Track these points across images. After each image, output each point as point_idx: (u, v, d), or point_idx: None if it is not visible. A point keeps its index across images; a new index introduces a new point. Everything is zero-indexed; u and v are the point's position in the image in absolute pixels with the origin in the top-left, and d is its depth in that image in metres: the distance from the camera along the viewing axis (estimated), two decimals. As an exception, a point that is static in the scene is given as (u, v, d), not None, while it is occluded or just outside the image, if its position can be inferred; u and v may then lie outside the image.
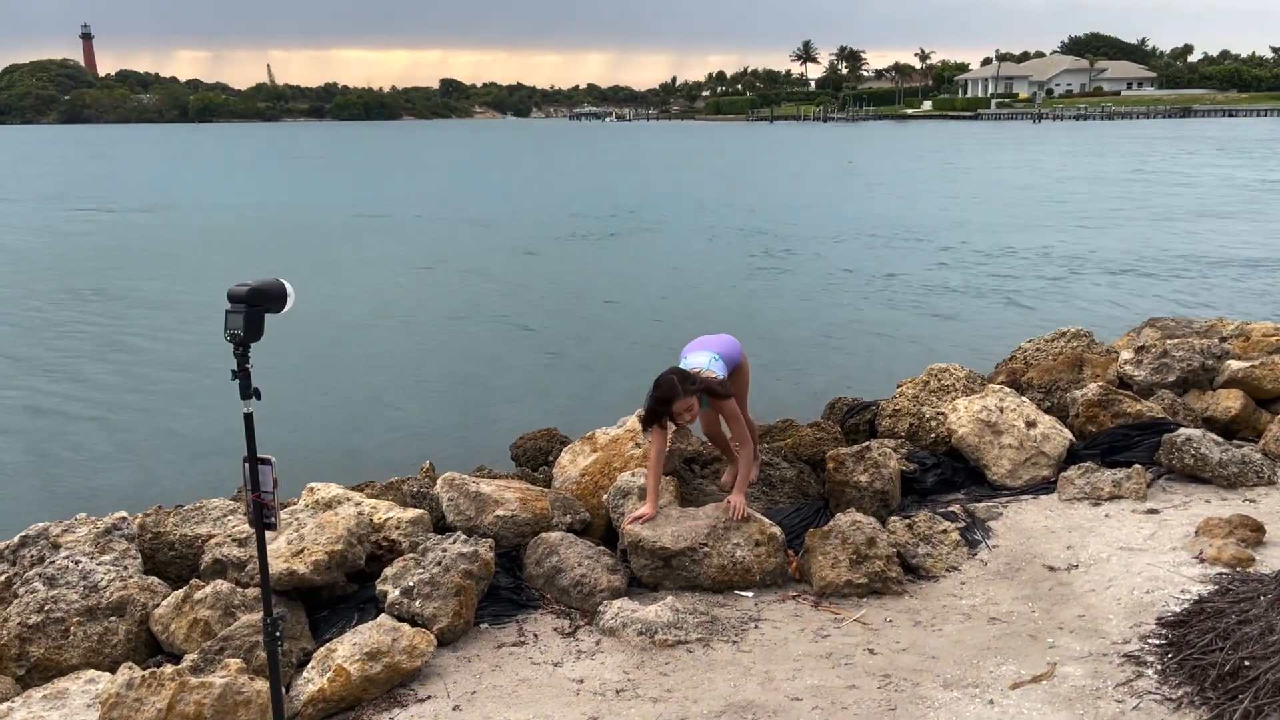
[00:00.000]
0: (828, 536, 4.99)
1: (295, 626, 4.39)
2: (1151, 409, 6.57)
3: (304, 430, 9.43)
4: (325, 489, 5.37)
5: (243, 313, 2.64)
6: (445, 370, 11.97)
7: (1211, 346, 7.18)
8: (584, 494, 5.72)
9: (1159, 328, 8.63)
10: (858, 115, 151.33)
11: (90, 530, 4.78)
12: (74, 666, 4.14)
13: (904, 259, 20.07)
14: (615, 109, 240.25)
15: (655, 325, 14.07)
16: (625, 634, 4.48)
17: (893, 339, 13.34)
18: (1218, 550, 4.91)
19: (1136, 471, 5.91)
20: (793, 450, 6.33)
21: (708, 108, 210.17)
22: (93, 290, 17.87)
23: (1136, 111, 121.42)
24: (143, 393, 11.17)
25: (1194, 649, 3.97)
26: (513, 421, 8.92)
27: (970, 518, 5.58)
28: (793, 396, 9.85)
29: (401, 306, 15.98)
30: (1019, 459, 6.21)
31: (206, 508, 5.23)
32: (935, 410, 6.71)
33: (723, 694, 3.99)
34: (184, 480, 8.06)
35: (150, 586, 4.53)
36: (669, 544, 4.94)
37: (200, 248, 23.64)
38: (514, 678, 4.21)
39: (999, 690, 3.93)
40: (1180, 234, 22.93)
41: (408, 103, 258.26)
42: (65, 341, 13.86)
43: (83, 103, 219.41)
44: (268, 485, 2.79)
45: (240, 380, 2.68)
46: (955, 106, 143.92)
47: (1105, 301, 15.58)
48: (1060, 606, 4.63)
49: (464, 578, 4.57)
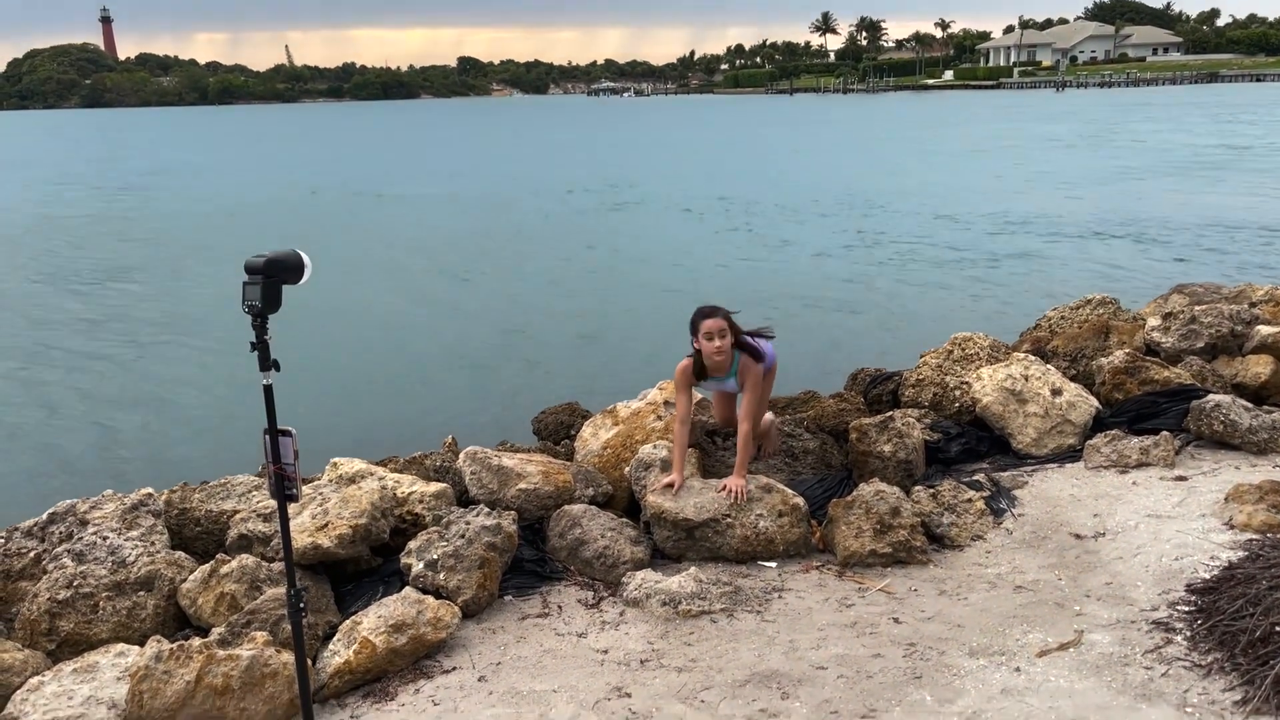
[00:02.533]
0: (851, 506, 4.96)
1: (320, 600, 4.41)
2: (1179, 375, 6.49)
3: (327, 406, 9.47)
4: (348, 464, 5.39)
5: (260, 284, 2.63)
6: (467, 346, 11.99)
7: (1241, 312, 7.07)
8: (606, 467, 5.72)
9: (1187, 294, 8.51)
10: (878, 87, 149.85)
11: (117, 506, 4.82)
12: (103, 640, 4.18)
13: (927, 230, 19.90)
14: (633, 84, 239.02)
15: (675, 299, 14.02)
16: (649, 605, 4.48)
17: (915, 309, 13.24)
18: (1248, 516, 4.85)
19: (1164, 438, 5.84)
20: (815, 421, 6.30)
21: (726, 81, 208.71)
22: (115, 267, 18.00)
23: (1162, 77, 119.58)
24: (167, 369, 11.25)
25: (1224, 615, 3.93)
26: (534, 396, 8.92)
27: (995, 486, 5.54)
28: (815, 367, 9.80)
29: (422, 283, 16.01)
30: (1044, 427, 6.15)
31: (231, 484, 5.26)
32: (959, 380, 6.65)
33: (747, 663, 3.99)
34: (209, 456, 8.13)
35: (177, 561, 4.56)
36: (692, 515, 4.93)
37: (227, 224, 23.74)
38: (538, 649, 4.22)
39: (1026, 658, 3.91)
40: (1209, 200, 22.59)
41: (425, 81, 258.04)
42: (87, 319, 13.98)
43: (103, 87, 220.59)
44: (288, 457, 2.80)
45: (259, 352, 2.68)
46: (977, 76, 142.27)
47: (1132, 268, 15.40)
48: (1087, 574, 4.59)
49: (487, 550, 4.58)
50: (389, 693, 3.96)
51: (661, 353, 8.82)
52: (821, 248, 18.35)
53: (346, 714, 3.86)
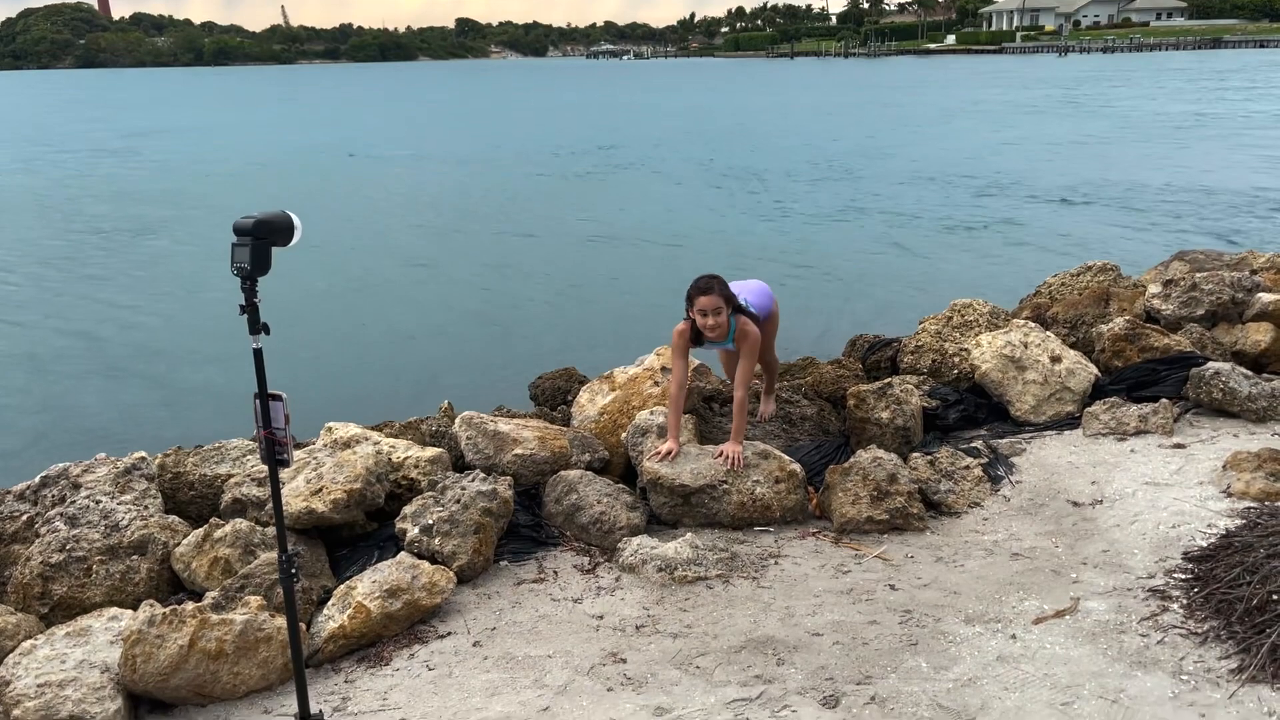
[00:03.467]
0: (849, 473, 4.94)
1: (315, 564, 4.40)
2: (1179, 343, 6.45)
3: (323, 371, 9.44)
4: (343, 428, 5.36)
5: (249, 245, 2.58)
6: (463, 311, 11.94)
7: (1242, 279, 7.02)
8: (603, 433, 5.69)
9: (1188, 261, 8.45)
10: (879, 51, 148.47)
11: (110, 470, 4.79)
12: (97, 604, 4.17)
13: (927, 196, 19.78)
14: (633, 47, 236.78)
15: (672, 264, 13.95)
16: (645, 570, 4.47)
17: (915, 276, 13.18)
18: (1246, 484, 4.83)
19: (1163, 406, 5.81)
20: (813, 387, 6.27)
21: (726, 44, 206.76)
22: (107, 229, 17.88)
23: (1166, 43, 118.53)
24: (160, 332, 11.20)
25: (1221, 583, 3.92)
26: (531, 361, 8.88)
27: (993, 454, 5.52)
28: (813, 334, 9.77)
29: (418, 248, 15.92)
30: (1043, 394, 6.12)
31: (226, 448, 5.23)
32: (958, 346, 6.62)
33: (743, 629, 3.98)
34: (204, 420, 8.09)
35: (171, 525, 4.54)
36: (688, 481, 4.91)
37: (214, 187, 23.58)
38: (534, 614, 4.21)
39: (1021, 625, 3.90)
40: (1210, 168, 22.46)
41: (423, 43, 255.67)
42: (80, 281, 13.91)
43: (98, 47, 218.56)
44: (279, 421, 2.76)
45: (249, 315, 2.63)
46: (979, 40, 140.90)
47: (1132, 235, 15.32)
48: (1084, 542, 4.58)
49: (483, 515, 4.56)
50: (383, 657, 3.95)
51: (659, 318, 8.77)
52: (815, 213, 18.24)
53: (341, 678, 3.86)
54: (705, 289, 5.03)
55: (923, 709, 3.40)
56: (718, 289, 5.03)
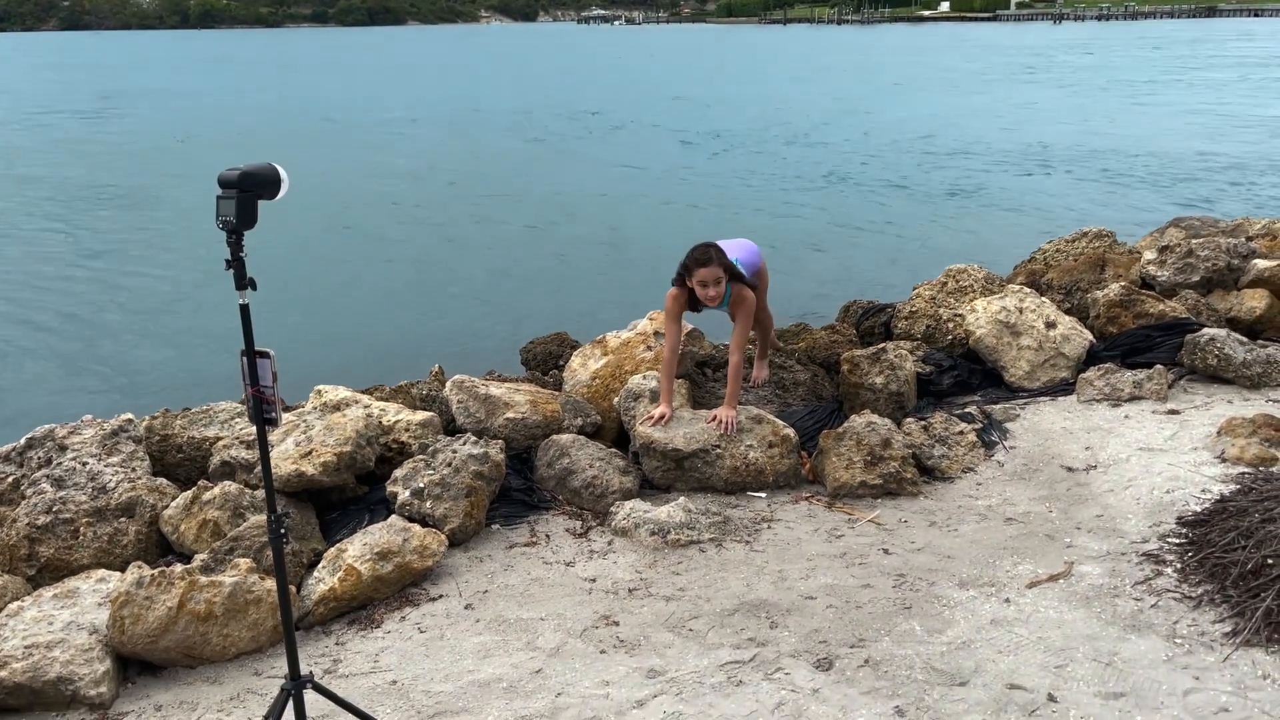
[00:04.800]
0: (842, 438, 4.92)
1: (305, 527, 4.36)
2: (1174, 309, 6.42)
3: (313, 334, 9.36)
4: (333, 391, 5.29)
5: (234, 198, 2.50)
6: (454, 275, 11.85)
7: (1238, 245, 6.99)
8: (595, 397, 5.65)
9: (1184, 227, 8.42)
10: (873, 18, 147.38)
11: (97, 432, 4.73)
12: (84, 566, 4.13)
13: (920, 162, 19.68)
14: (624, 12, 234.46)
15: (665, 228, 13.86)
16: (638, 534, 4.44)
17: (909, 241, 13.12)
18: (1240, 450, 4.82)
19: (1158, 372, 5.79)
20: (807, 353, 6.23)
21: (719, 10, 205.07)
22: (89, 188, 17.67)
23: (1160, 11, 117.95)
24: (148, 292, 11.09)
25: (1215, 547, 3.91)
26: (523, 326, 8.83)
27: (987, 419, 5.50)
28: (807, 299, 9.72)
29: (409, 210, 15.78)
30: (1038, 360, 6.10)
31: (214, 410, 5.17)
32: (953, 312, 6.58)
33: (736, 593, 3.96)
34: (192, 382, 8.03)
35: (159, 488, 4.49)
36: (681, 445, 4.87)
37: (203, 147, 23.32)
38: (526, 577, 4.19)
39: (1015, 589, 3.89)
40: (1206, 136, 22.39)
41: (413, 7, 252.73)
42: (63, 241, 13.75)
43: (82, 9, 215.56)
44: (267, 379, 2.70)
45: (235, 270, 2.57)
46: (974, 7, 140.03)
47: (1128, 202, 15.27)
48: (1078, 507, 4.56)
49: (474, 479, 4.53)
50: (374, 620, 3.93)
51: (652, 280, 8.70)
52: (808, 178, 18.13)
53: (331, 641, 3.83)
54: (704, 260, 4.98)
55: (916, 672, 3.39)
56: (716, 259, 4.99)
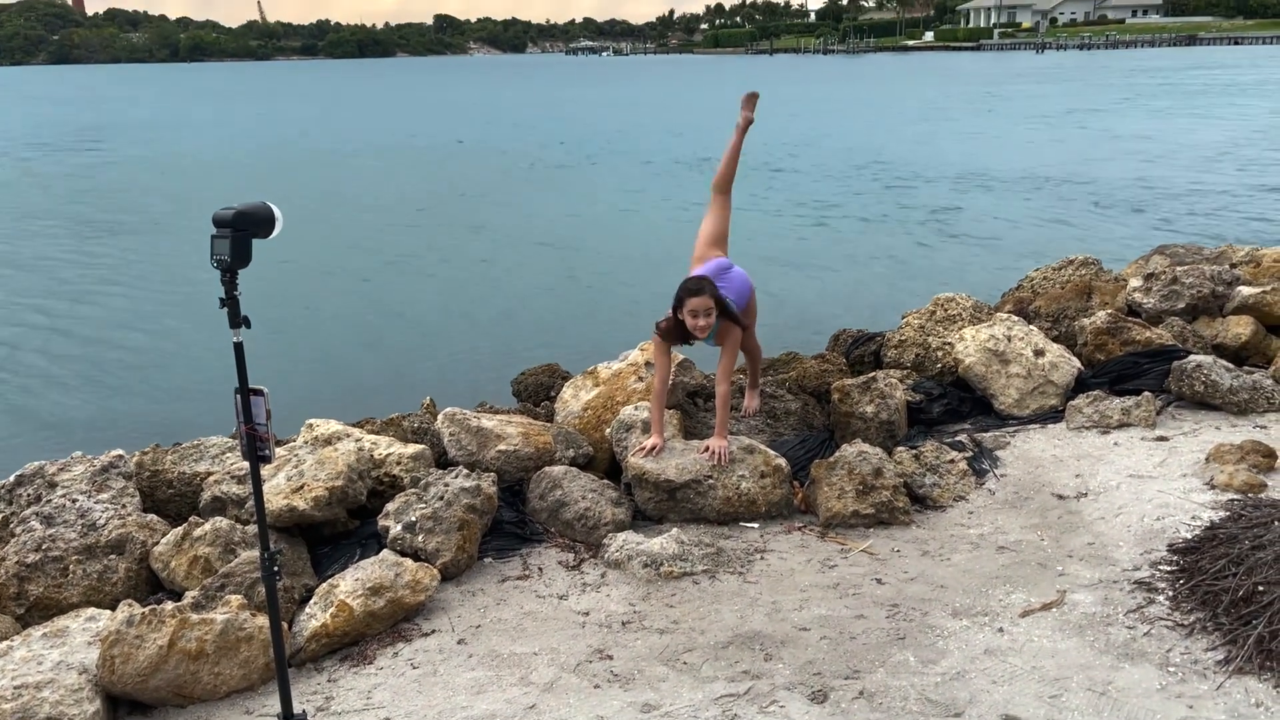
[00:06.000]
0: (834, 467, 4.93)
1: (297, 563, 4.34)
2: (1161, 336, 6.47)
3: (303, 367, 9.36)
4: (325, 425, 5.29)
5: (229, 237, 2.52)
6: (445, 306, 11.87)
7: (1222, 273, 7.06)
8: (587, 428, 5.65)
9: (1168, 255, 8.49)
10: (858, 47, 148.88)
11: (87, 469, 4.71)
12: (74, 605, 4.10)
13: (907, 191, 19.82)
14: (612, 43, 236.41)
15: (653, 258, 13.92)
16: (630, 566, 4.43)
17: (898, 270, 13.20)
18: (1229, 476, 4.85)
19: (1146, 399, 5.83)
20: (797, 382, 6.25)
21: (706, 41, 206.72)
22: (79, 223, 17.67)
23: (1142, 40, 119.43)
24: (139, 328, 11.07)
25: (1206, 575, 3.92)
26: (514, 357, 8.84)
27: (978, 447, 5.52)
28: (797, 328, 9.76)
29: (399, 242, 15.81)
30: (1027, 388, 6.13)
31: (205, 445, 5.16)
32: (942, 340, 6.62)
33: (729, 625, 3.96)
34: (182, 417, 8.01)
35: (149, 524, 4.47)
36: (673, 476, 4.88)
37: (191, 179, 23.36)
38: (519, 611, 4.17)
39: (1009, 618, 3.90)
40: (1185, 166, 22.64)
41: (401, 39, 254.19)
42: (55, 276, 13.73)
43: (71, 43, 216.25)
44: (261, 417, 2.71)
45: (229, 308, 2.58)
46: (957, 37, 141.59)
47: (1113, 230, 15.40)
48: (1069, 535, 4.58)
49: (467, 512, 4.52)
50: (367, 656, 3.91)
51: (642, 310, 8.74)
52: (796, 207, 18.24)
53: (324, 678, 3.81)
54: (696, 290, 5.00)
55: (911, 703, 3.38)
56: (709, 291, 5.01)
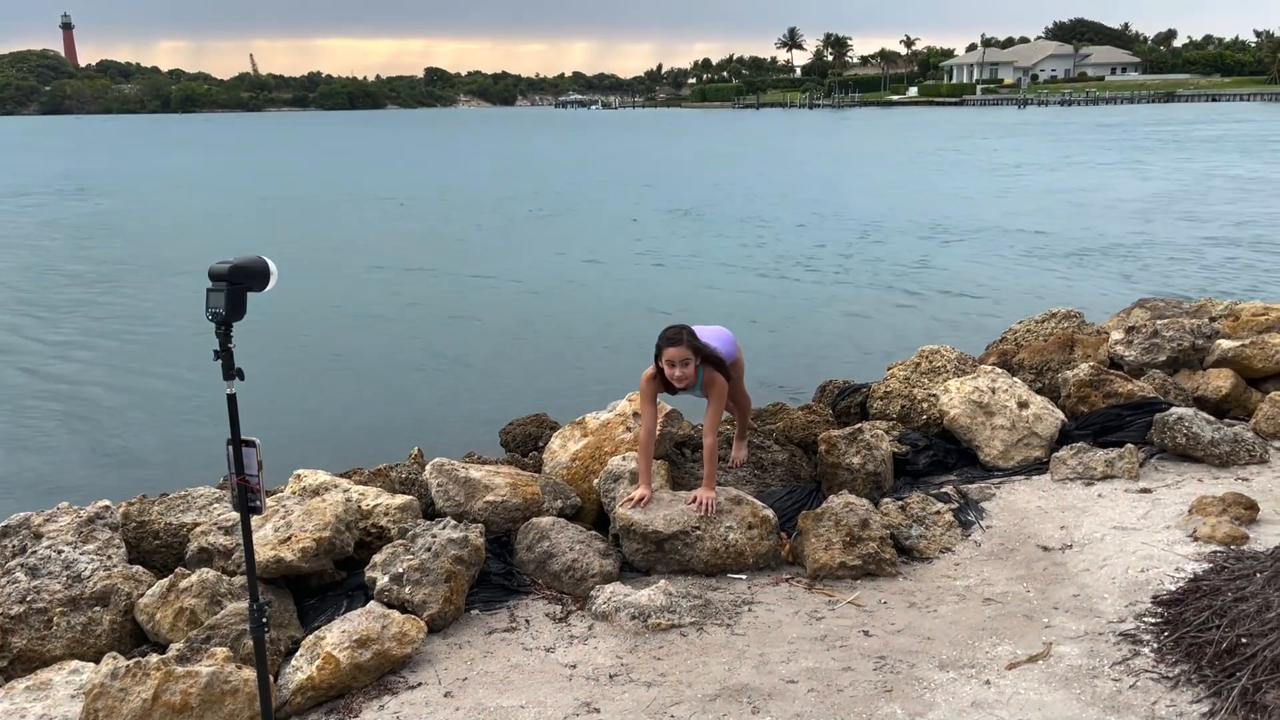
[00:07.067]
0: (821, 518, 4.95)
1: (283, 614, 4.33)
2: (1143, 389, 6.55)
3: (291, 417, 9.34)
4: (312, 475, 5.30)
5: (224, 291, 2.57)
6: (433, 357, 11.89)
7: (1201, 326, 7.17)
8: (574, 479, 5.67)
9: (1148, 308, 8.62)
10: (843, 102, 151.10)
11: (73, 519, 4.70)
12: (58, 657, 4.07)
13: (890, 243, 20.04)
14: (601, 97, 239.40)
15: (642, 308, 14.01)
16: (618, 618, 4.43)
17: (882, 322, 13.32)
18: (1212, 528, 4.89)
19: (1129, 451, 5.89)
20: (784, 433, 6.29)
21: (693, 95, 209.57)
22: (67, 274, 17.69)
23: (1121, 96, 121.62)
24: (125, 378, 11.05)
25: (1190, 627, 3.95)
26: (501, 407, 8.85)
27: (963, 499, 5.55)
28: (783, 379, 9.82)
29: (387, 293, 15.87)
30: (1011, 440, 6.18)
31: (192, 495, 5.15)
32: (927, 392, 6.68)
33: (717, 677, 3.95)
34: (169, 468, 7.98)
35: (135, 576, 4.46)
36: (661, 527, 4.89)
37: (181, 231, 23.45)
38: (506, 664, 4.16)
39: (995, 671, 3.90)
40: (1160, 220, 22.99)
41: (392, 92, 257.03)
42: (44, 326, 13.72)
43: (63, 94, 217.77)
44: (252, 468, 2.73)
45: (223, 360, 2.61)
46: (941, 92, 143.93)
47: (1093, 283, 15.59)
48: (1055, 586, 4.60)
49: (454, 563, 4.52)
50: (353, 709, 3.88)
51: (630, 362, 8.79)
52: (780, 259, 18.41)
53: (309, 731, 3.78)
54: (673, 340, 5.04)
55: (899, 756, 3.38)
56: (686, 340, 5.04)
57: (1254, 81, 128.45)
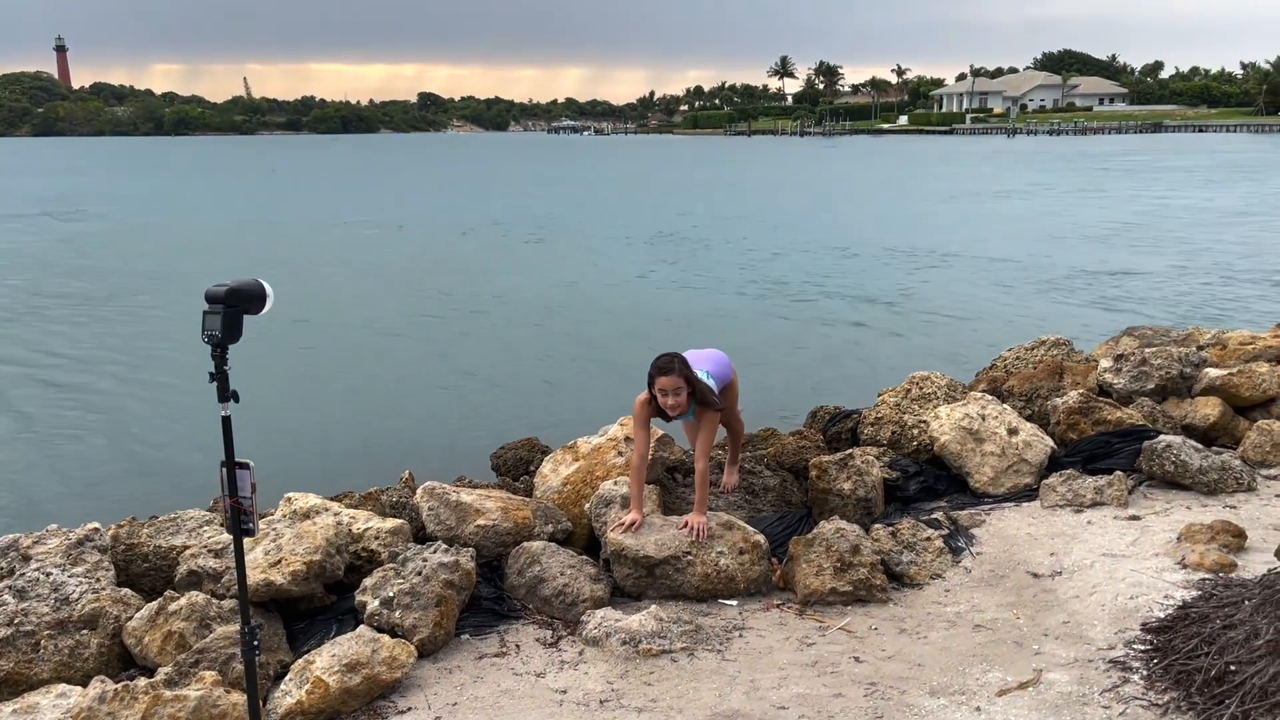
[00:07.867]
0: (812, 544, 4.96)
1: (272, 638, 4.31)
2: (1131, 416, 6.59)
3: (282, 440, 9.32)
4: (303, 499, 5.29)
5: (221, 314, 2.58)
6: (424, 380, 11.88)
7: (1189, 354, 7.22)
8: (566, 503, 5.67)
9: (1137, 336, 8.68)
10: (834, 130, 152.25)
11: (61, 542, 4.68)
12: (45, 680, 4.04)
13: (881, 271, 20.15)
14: (593, 123, 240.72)
15: (634, 333, 14.04)
16: (609, 644, 4.42)
17: (873, 348, 13.36)
18: (1200, 556, 4.92)
19: (1118, 478, 5.92)
20: (775, 458, 6.31)
21: (685, 122, 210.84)
22: (61, 295, 17.66)
23: (1109, 126, 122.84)
24: (116, 399, 11.02)
25: (1179, 654, 3.96)
26: (493, 431, 8.85)
27: (953, 525, 5.57)
28: (774, 405, 9.84)
29: (379, 316, 15.88)
30: (1001, 466, 6.21)
31: (182, 518, 5.13)
32: (917, 418, 6.71)
33: (708, 703, 3.95)
34: (159, 491, 7.94)
35: (123, 599, 4.44)
36: (652, 552, 4.89)
37: (176, 253, 23.44)
38: (496, 689, 4.15)
39: (985, 697, 3.91)
40: (1153, 248, 23.17)
41: (385, 116, 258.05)
42: (34, 348, 13.67)
43: (56, 116, 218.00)
44: (246, 490, 2.73)
45: (218, 383, 2.62)
46: (931, 121, 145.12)
47: (1082, 311, 15.68)
48: (1045, 613, 4.61)
49: (445, 588, 4.51)
50: (342, 734, 3.86)
51: (622, 386, 8.81)
52: (772, 285, 18.49)
53: (297, 756, 3.76)
54: (665, 369, 5.05)
55: (890, 783, 3.38)
56: (678, 369, 5.04)
57: (1240, 113, 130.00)
